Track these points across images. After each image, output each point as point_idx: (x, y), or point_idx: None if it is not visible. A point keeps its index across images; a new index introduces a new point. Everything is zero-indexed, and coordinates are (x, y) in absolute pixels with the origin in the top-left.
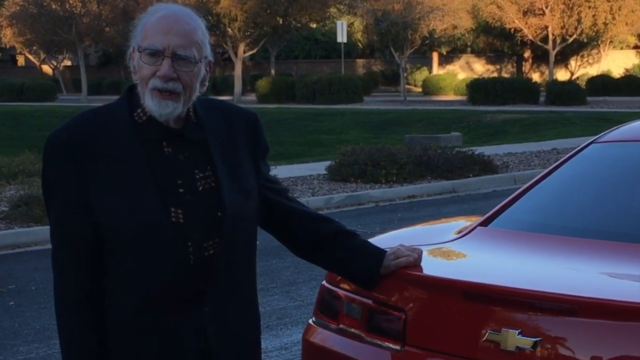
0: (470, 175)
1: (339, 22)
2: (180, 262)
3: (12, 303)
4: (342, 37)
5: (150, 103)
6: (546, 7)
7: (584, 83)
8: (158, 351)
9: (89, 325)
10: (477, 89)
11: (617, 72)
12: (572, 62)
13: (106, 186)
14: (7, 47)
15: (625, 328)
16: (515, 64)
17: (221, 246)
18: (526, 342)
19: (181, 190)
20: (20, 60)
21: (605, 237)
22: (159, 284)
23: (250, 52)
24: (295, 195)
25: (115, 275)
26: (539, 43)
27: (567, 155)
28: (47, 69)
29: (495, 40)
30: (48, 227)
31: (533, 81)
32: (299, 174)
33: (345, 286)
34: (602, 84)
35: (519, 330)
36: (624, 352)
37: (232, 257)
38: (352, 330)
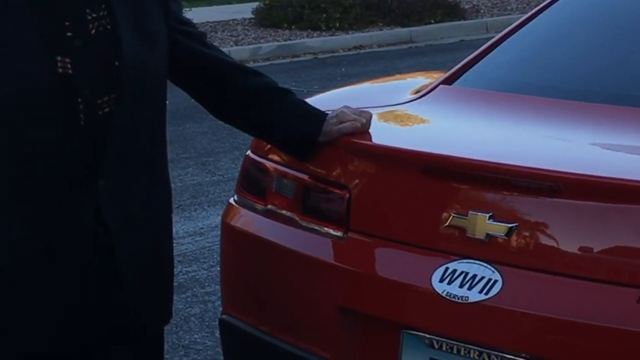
0: (432, 21)
1: None
2: (68, 123)
3: None
4: None
5: None
6: None
7: None
8: (39, 239)
9: None
10: None
11: None
12: None
13: None
14: None
15: (621, 212)
16: None
17: (119, 103)
18: (498, 228)
19: (69, 33)
20: None
21: (596, 99)
22: (41, 154)
23: None
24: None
25: None
26: None
27: None
28: None
29: None
30: None
31: None
32: (219, 18)
33: (276, 157)
34: None
35: (490, 214)
36: (618, 241)
37: (134, 117)
38: (284, 212)
